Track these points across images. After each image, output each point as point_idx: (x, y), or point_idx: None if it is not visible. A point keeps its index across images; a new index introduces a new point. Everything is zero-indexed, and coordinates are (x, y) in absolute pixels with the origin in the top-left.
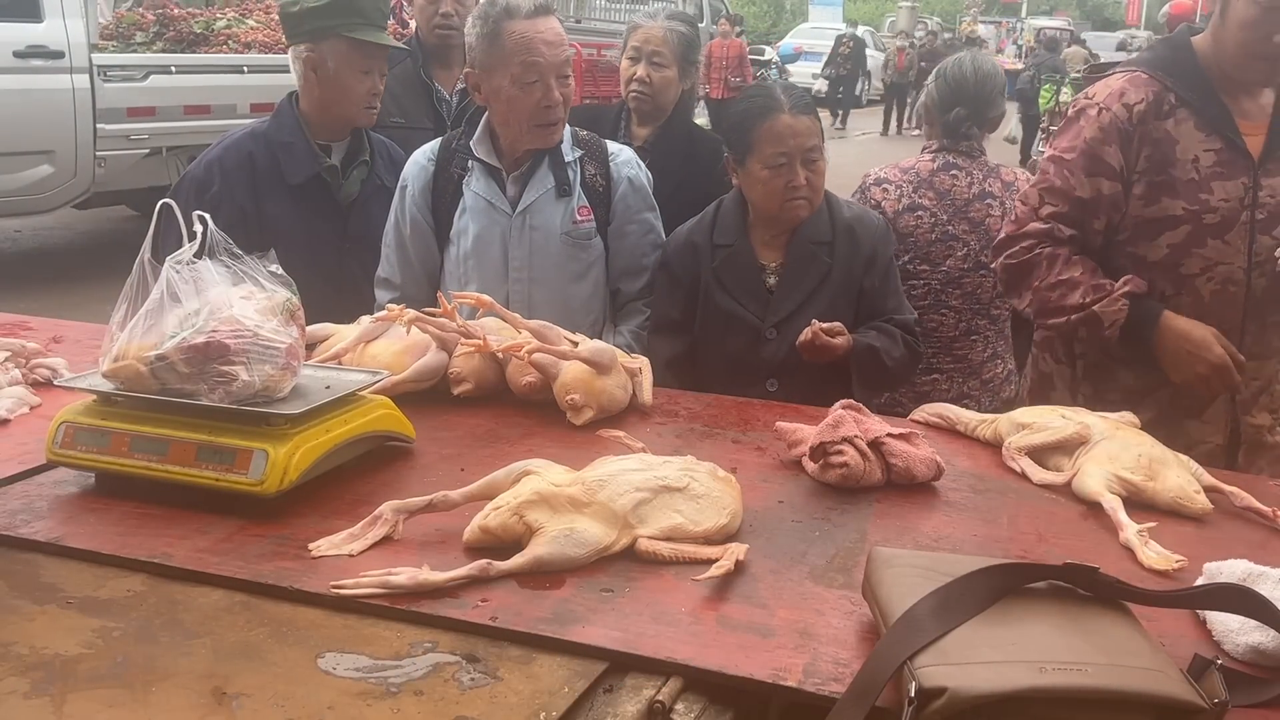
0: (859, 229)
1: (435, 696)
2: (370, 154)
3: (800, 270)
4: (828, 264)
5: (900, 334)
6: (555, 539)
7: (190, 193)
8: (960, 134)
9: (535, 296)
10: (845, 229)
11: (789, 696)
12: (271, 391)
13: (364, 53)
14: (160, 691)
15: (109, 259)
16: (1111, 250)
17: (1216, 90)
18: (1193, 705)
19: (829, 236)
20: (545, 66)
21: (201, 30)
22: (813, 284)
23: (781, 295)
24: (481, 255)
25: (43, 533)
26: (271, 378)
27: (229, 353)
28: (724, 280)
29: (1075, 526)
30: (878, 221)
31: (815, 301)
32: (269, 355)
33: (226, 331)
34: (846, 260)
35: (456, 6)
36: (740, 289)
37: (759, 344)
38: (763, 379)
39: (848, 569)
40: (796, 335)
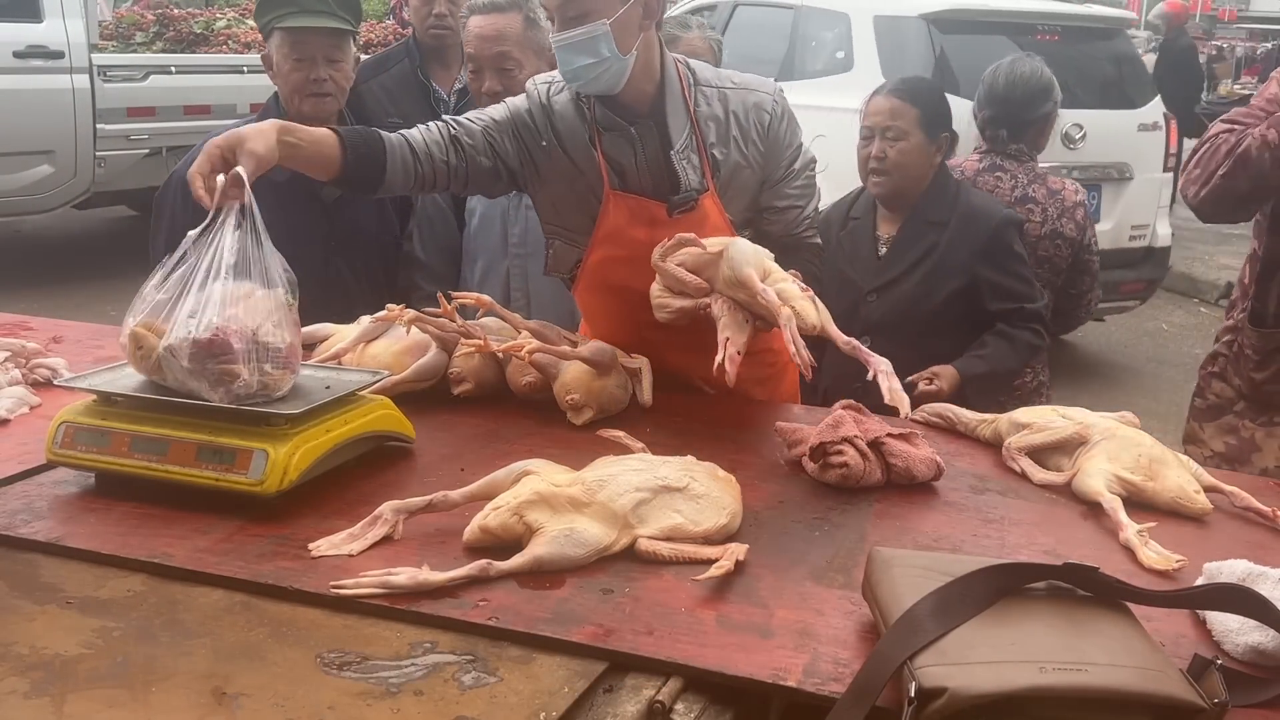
0: (978, 218)
1: (435, 696)
2: None
3: (908, 243)
4: (935, 242)
5: (1019, 333)
6: (555, 539)
7: (178, 191)
8: (991, 137)
9: (531, 270)
10: (964, 215)
11: (789, 696)
12: (270, 391)
13: (297, 40)
14: (160, 691)
15: (109, 259)
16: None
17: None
18: (1193, 705)
19: (945, 218)
20: (479, 59)
21: (201, 30)
22: (916, 257)
23: (886, 263)
24: (486, 233)
25: (43, 533)
26: (271, 377)
27: (231, 351)
28: (844, 247)
29: (1075, 526)
30: (1004, 215)
31: (915, 274)
32: (269, 355)
33: (230, 329)
34: (958, 244)
35: (450, 7)
36: (855, 255)
37: (860, 305)
38: (859, 336)
39: (848, 569)
40: (894, 300)
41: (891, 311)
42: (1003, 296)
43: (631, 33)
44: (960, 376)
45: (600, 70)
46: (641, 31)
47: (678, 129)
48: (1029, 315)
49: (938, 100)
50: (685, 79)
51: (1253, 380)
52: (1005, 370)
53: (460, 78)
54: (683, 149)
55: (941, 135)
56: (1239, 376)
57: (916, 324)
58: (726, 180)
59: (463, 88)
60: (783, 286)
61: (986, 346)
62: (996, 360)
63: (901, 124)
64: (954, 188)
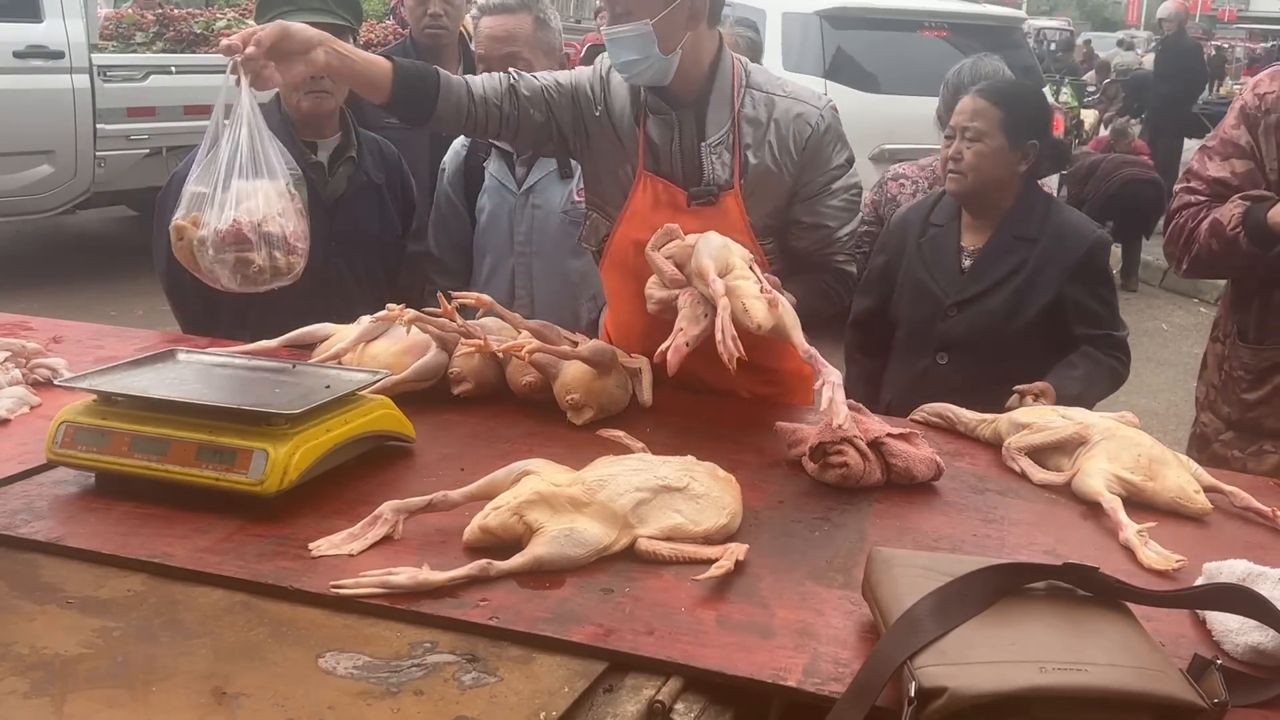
0: (1070, 236)
1: (435, 696)
2: (358, 150)
3: (995, 258)
4: (1024, 258)
5: (1107, 359)
6: (555, 539)
7: (179, 191)
8: None
9: (536, 269)
10: (1055, 231)
11: (789, 696)
12: (283, 274)
13: None
14: (160, 691)
15: (109, 259)
16: None
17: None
18: (1192, 705)
19: (1035, 234)
20: (489, 59)
21: (201, 30)
22: (1002, 273)
23: (971, 277)
24: (494, 230)
25: (43, 533)
26: (281, 261)
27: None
28: (925, 254)
29: (1075, 526)
30: (1096, 237)
31: (1002, 291)
32: (276, 242)
33: (244, 221)
34: (1047, 261)
35: (445, 7)
36: (937, 265)
37: (938, 318)
38: (934, 351)
39: (848, 569)
40: (977, 316)
41: (973, 328)
42: (1090, 321)
43: (676, 33)
44: (1057, 395)
45: (644, 66)
46: (687, 31)
47: (716, 124)
48: (1115, 344)
49: (1029, 105)
50: (739, 78)
51: (1244, 403)
52: (1093, 396)
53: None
54: (715, 144)
55: (1028, 143)
56: (1228, 404)
57: (997, 344)
58: (753, 183)
59: None
60: (739, 284)
61: (1077, 368)
62: (1088, 385)
63: (981, 125)
64: (1045, 203)
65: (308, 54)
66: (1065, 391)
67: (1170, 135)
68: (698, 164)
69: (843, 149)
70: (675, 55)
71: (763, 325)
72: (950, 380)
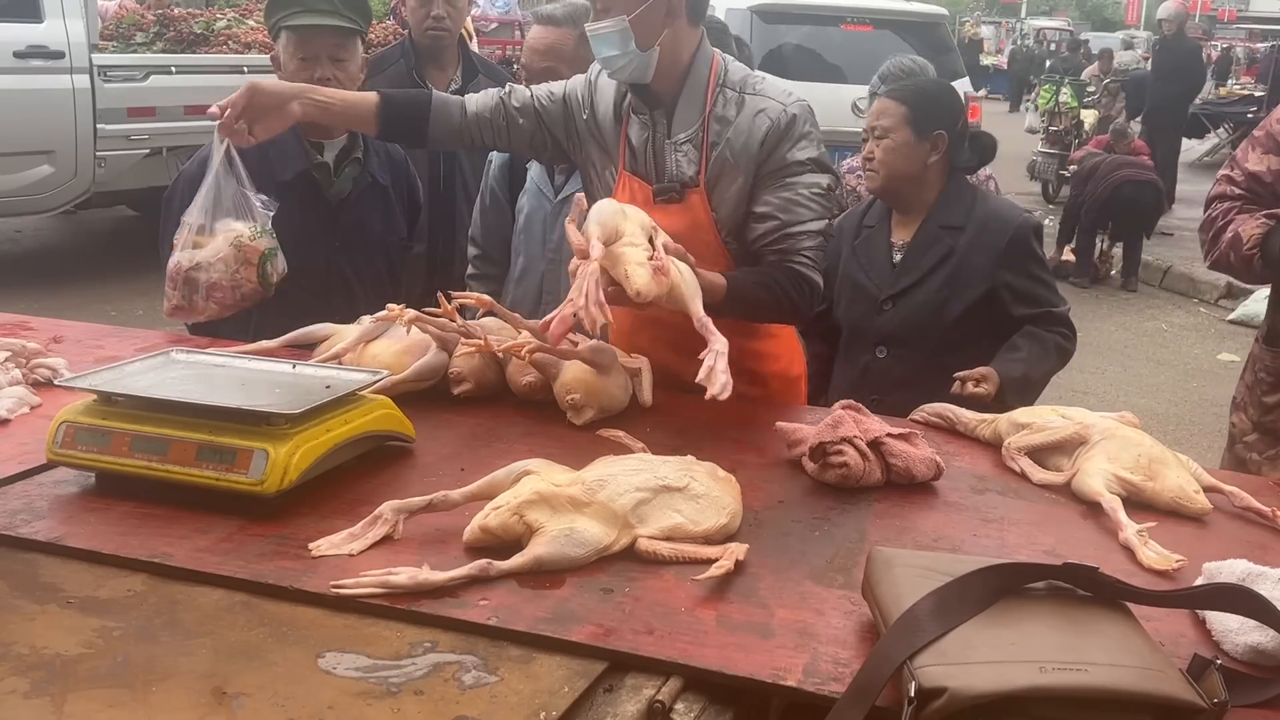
0: (995, 223)
1: (435, 696)
2: (364, 152)
3: (922, 249)
4: (950, 247)
5: (1050, 335)
6: (555, 539)
7: (185, 189)
8: None
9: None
10: (981, 220)
11: (789, 696)
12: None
13: (301, 39)
14: (160, 691)
15: (109, 259)
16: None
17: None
18: (1192, 705)
19: (961, 223)
20: (530, 68)
21: (202, 30)
22: (931, 263)
23: (901, 270)
24: (529, 232)
25: (43, 532)
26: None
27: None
28: (859, 255)
29: (1075, 526)
30: (1023, 220)
31: (932, 280)
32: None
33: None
34: (974, 249)
35: (448, 9)
36: (870, 263)
37: (875, 313)
38: (873, 346)
39: (848, 569)
40: (911, 309)
41: (908, 321)
42: (1028, 301)
43: (653, 30)
44: (1001, 378)
45: (624, 61)
46: (665, 27)
47: (684, 122)
48: (1056, 319)
49: (932, 98)
50: (716, 76)
51: (1264, 406)
52: (1041, 374)
53: (455, 79)
54: (682, 141)
55: (934, 133)
56: (1253, 405)
57: (935, 334)
58: (714, 179)
59: (459, 89)
60: (624, 250)
61: (1019, 349)
62: (1032, 363)
63: (887, 122)
64: (970, 194)
65: (283, 108)
66: (1008, 373)
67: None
68: (663, 159)
69: (807, 147)
70: (654, 51)
71: (642, 292)
72: (891, 372)
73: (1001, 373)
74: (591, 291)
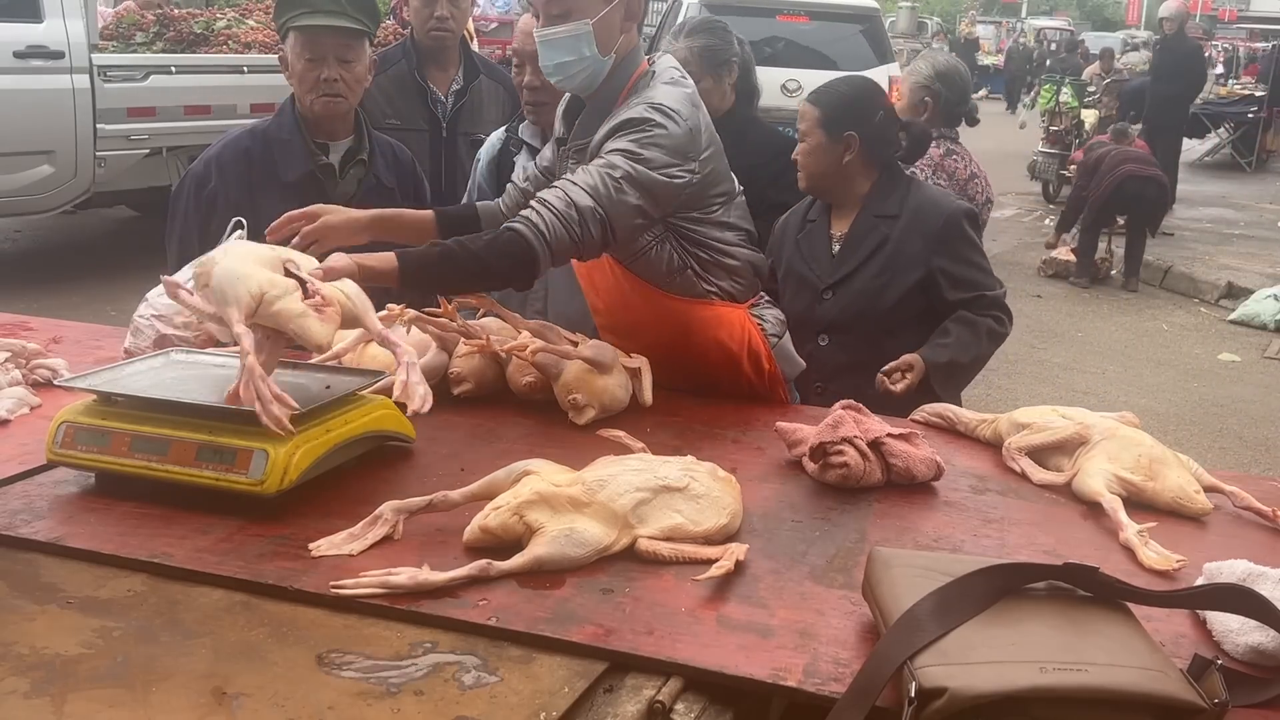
0: (930, 211)
1: (435, 696)
2: (370, 153)
3: (859, 239)
4: (885, 235)
5: (982, 319)
6: (555, 539)
7: (191, 189)
8: None
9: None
10: (915, 208)
11: (789, 696)
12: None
13: (308, 40)
14: (160, 691)
15: (109, 259)
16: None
17: None
18: (1193, 705)
19: (895, 211)
20: (522, 54)
21: (202, 30)
22: (868, 251)
23: (839, 259)
24: None
25: (43, 533)
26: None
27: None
28: (801, 247)
29: (1075, 526)
30: (956, 207)
31: (869, 267)
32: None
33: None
34: (909, 236)
35: (452, 9)
36: (811, 254)
37: (816, 303)
38: (815, 335)
39: (848, 569)
40: (850, 297)
41: (848, 309)
42: (961, 286)
43: (613, 34)
44: (926, 365)
45: (579, 68)
46: (622, 33)
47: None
48: (989, 303)
49: (842, 100)
50: (633, 85)
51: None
52: (970, 359)
53: (457, 79)
54: (573, 149)
55: (845, 134)
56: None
57: (874, 321)
58: None
59: (460, 89)
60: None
61: (949, 334)
62: (960, 348)
63: (804, 126)
64: (905, 184)
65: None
66: (934, 359)
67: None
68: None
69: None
70: (610, 58)
71: (322, 342)
72: (835, 360)
73: (927, 359)
74: (263, 392)
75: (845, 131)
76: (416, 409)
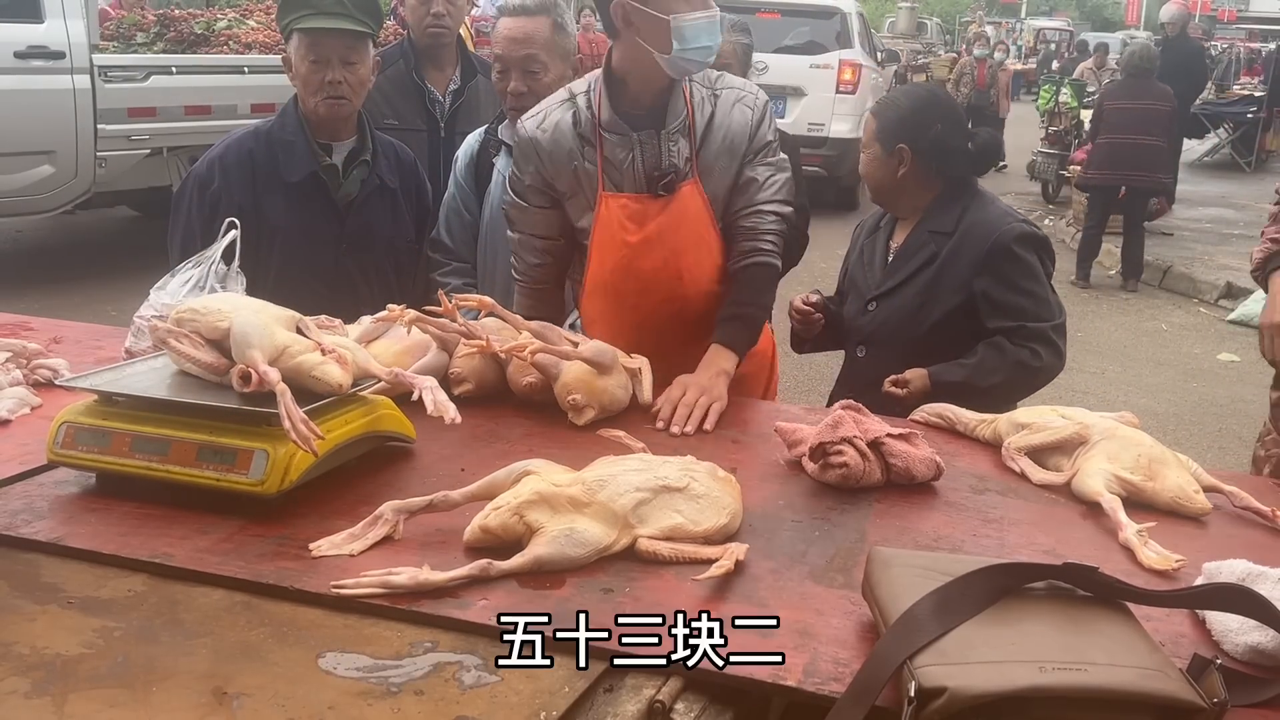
0: (980, 230)
1: (435, 696)
2: (373, 154)
3: (910, 253)
4: (934, 252)
5: (1015, 349)
6: (555, 539)
7: (194, 189)
8: None
9: None
10: (969, 227)
11: (789, 696)
12: None
13: (312, 42)
14: (161, 691)
15: (109, 259)
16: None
17: None
18: (1192, 705)
19: (950, 229)
20: (506, 59)
21: (202, 31)
22: (915, 267)
23: (889, 272)
24: (496, 224)
25: (43, 533)
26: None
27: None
28: (864, 254)
29: (1075, 526)
30: (1009, 228)
31: (913, 284)
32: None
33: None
34: (957, 256)
35: (448, 7)
36: (870, 262)
37: (861, 313)
38: (855, 344)
39: (848, 569)
40: (890, 311)
41: (887, 323)
42: (1003, 313)
43: None
44: (932, 382)
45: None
46: None
47: (674, 112)
48: (1031, 334)
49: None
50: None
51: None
52: (986, 385)
53: (454, 79)
54: (674, 131)
55: (896, 147)
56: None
57: (910, 338)
58: (707, 168)
59: (457, 89)
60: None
61: (973, 357)
62: (977, 372)
63: (865, 136)
64: (966, 199)
65: None
66: (944, 378)
67: None
68: (657, 155)
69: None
70: None
71: (344, 384)
72: (866, 374)
73: (935, 375)
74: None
75: (898, 144)
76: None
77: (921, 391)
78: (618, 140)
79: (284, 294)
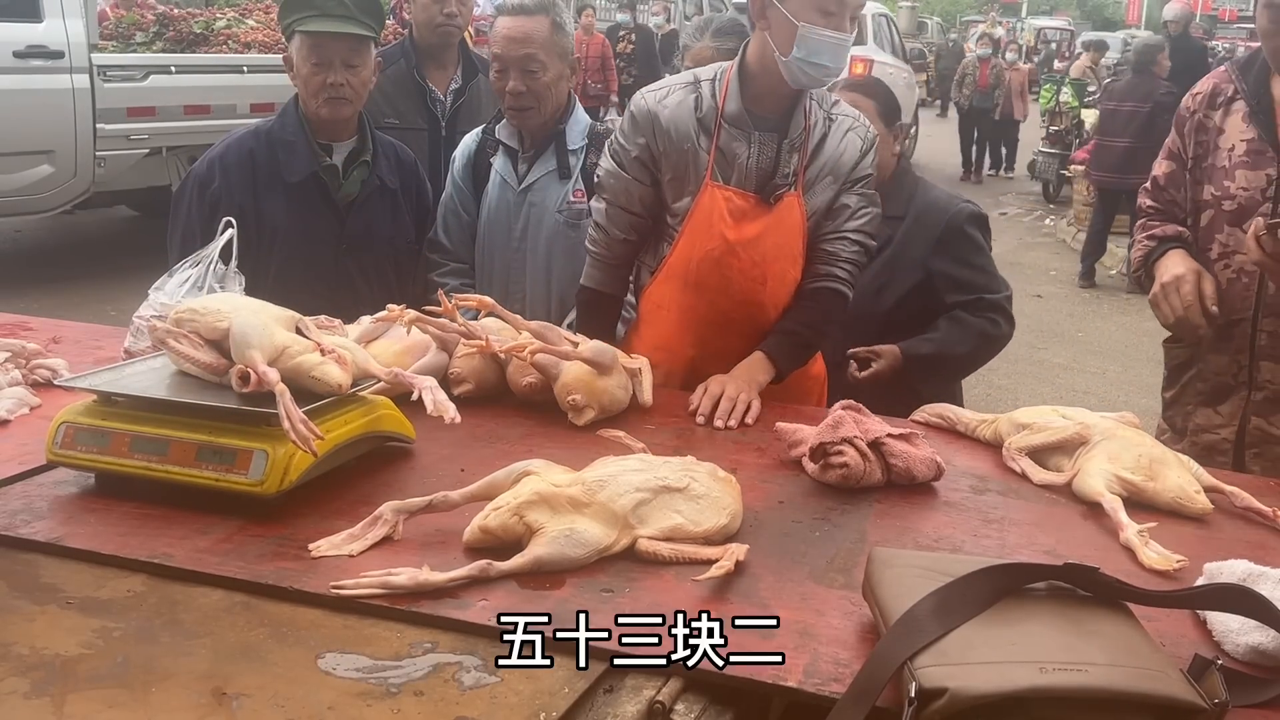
0: (932, 213)
1: (435, 696)
2: (373, 154)
3: None
4: (890, 236)
5: (975, 319)
6: (555, 539)
7: (194, 189)
8: None
9: (529, 266)
10: (920, 210)
11: (789, 696)
12: None
13: (315, 44)
14: (160, 692)
15: (109, 259)
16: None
17: (1270, 82)
18: (1193, 705)
19: (901, 213)
20: (505, 59)
21: (201, 30)
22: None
23: None
24: (494, 224)
25: (43, 533)
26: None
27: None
28: None
29: (1075, 526)
30: (959, 209)
31: (870, 268)
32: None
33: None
34: (911, 239)
35: (460, 7)
36: None
37: None
38: None
39: (848, 569)
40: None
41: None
42: (960, 288)
43: None
44: (903, 356)
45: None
46: None
47: (796, 124)
48: (987, 305)
49: (887, 91)
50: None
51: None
52: (954, 355)
53: (455, 78)
54: (795, 141)
55: (896, 124)
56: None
57: (872, 320)
58: (811, 184)
59: (459, 88)
60: (298, 361)
61: (937, 331)
62: (944, 343)
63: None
64: (912, 184)
65: None
66: (914, 351)
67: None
68: (774, 161)
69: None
70: None
71: (343, 384)
72: (832, 356)
73: (907, 350)
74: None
75: (897, 121)
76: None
77: (892, 367)
78: (737, 134)
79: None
